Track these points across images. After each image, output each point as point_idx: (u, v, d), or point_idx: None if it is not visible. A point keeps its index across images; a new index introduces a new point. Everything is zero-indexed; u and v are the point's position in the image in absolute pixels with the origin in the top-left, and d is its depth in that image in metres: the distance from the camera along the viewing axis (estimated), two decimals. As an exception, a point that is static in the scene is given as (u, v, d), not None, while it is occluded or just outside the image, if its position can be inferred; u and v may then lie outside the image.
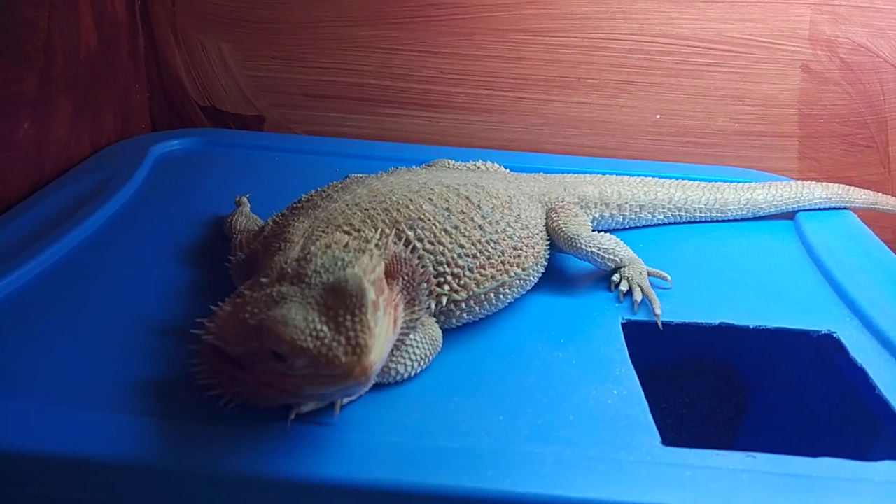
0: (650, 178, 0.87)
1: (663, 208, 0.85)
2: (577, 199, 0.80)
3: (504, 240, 0.66)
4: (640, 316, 0.68)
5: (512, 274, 0.66)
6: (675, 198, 0.85)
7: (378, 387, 0.55)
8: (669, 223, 0.87)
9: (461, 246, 0.63)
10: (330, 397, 0.51)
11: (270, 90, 1.05)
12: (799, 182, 0.90)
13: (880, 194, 0.90)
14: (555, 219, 0.74)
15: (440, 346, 0.59)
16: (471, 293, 0.62)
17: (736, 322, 0.68)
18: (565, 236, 0.72)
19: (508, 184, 0.74)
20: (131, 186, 0.85)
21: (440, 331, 0.60)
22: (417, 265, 0.57)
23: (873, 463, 0.51)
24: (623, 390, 0.58)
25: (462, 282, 0.62)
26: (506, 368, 0.60)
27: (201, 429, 0.50)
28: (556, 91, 1.03)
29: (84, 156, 0.91)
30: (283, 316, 0.47)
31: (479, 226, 0.65)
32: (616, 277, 0.71)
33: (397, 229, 0.61)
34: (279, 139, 1.03)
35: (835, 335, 0.67)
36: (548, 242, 0.73)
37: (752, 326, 0.68)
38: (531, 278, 0.69)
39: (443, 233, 0.63)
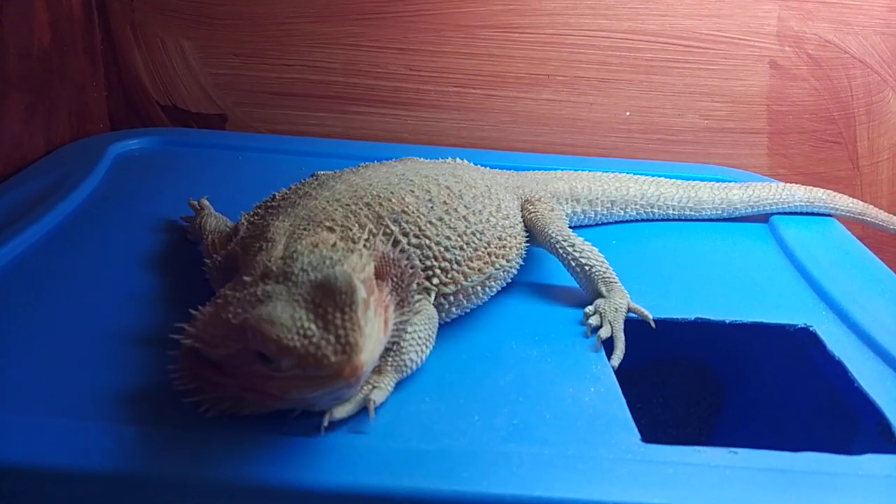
0: (622, 174, 0.86)
1: (635, 204, 0.84)
2: (549, 195, 0.78)
3: (488, 230, 0.65)
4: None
5: (497, 266, 0.64)
6: (648, 194, 0.85)
7: (400, 384, 0.53)
8: (642, 220, 0.86)
9: (447, 238, 0.61)
10: (317, 403, 0.48)
11: (233, 88, 1.02)
12: (779, 184, 0.89)
13: (870, 206, 0.88)
14: (531, 210, 0.73)
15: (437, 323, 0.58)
16: (459, 286, 0.61)
17: (712, 317, 0.67)
18: (539, 227, 0.71)
19: (484, 175, 0.73)
20: (87, 186, 0.82)
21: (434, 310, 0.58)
22: (406, 265, 0.55)
23: (856, 457, 0.51)
24: (600, 388, 0.57)
25: (450, 275, 0.60)
26: (480, 367, 0.58)
27: (174, 435, 0.48)
28: (525, 88, 1.01)
29: (38, 156, 0.88)
30: (268, 314, 0.44)
31: (464, 217, 0.63)
32: (590, 309, 0.65)
33: (381, 224, 0.59)
34: (243, 138, 1.01)
35: (811, 329, 0.67)
36: (526, 234, 0.71)
37: (728, 321, 0.68)
38: (514, 269, 0.68)
39: (428, 225, 0.61)
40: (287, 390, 0.46)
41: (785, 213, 0.88)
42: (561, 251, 0.69)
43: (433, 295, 0.59)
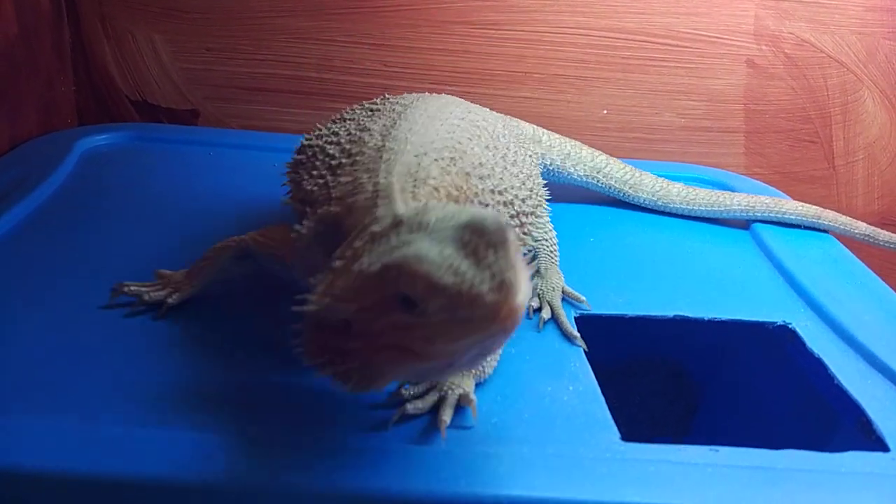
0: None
1: (584, 165, 0.86)
2: (518, 133, 0.79)
3: (531, 169, 0.65)
4: (596, 310, 0.66)
5: (545, 207, 0.65)
6: (597, 160, 0.87)
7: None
8: (589, 187, 0.88)
9: (518, 187, 0.60)
10: (462, 356, 0.43)
11: (205, 83, 1.00)
12: (761, 197, 0.87)
13: (825, 210, 0.85)
14: None
15: None
16: (534, 237, 0.62)
17: (691, 314, 0.67)
18: None
19: (477, 110, 0.71)
20: (54, 182, 0.79)
21: None
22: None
23: (839, 454, 0.51)
24: (579, 386, 0.56)
25: (526, 228, 0.60)
26: (455, 366, 0.57)
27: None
28: (502, 86, 1.01)
29: (2, 150, 0.85)
30: (415, 252, 0.40)
31: (513, 161, 0.63)
32: None
33: (471, 183, 0.56)
34: (215, 134, 0.98)
35: (790, 326, 0.67)
36: None
37: (707, 319, 0.67)
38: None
39: (503, 175, 0.59)
40: (432, 339, 0.41)
41: (726, 219, 0.87)
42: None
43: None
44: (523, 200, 0.60)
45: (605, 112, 1.02)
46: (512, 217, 0.58)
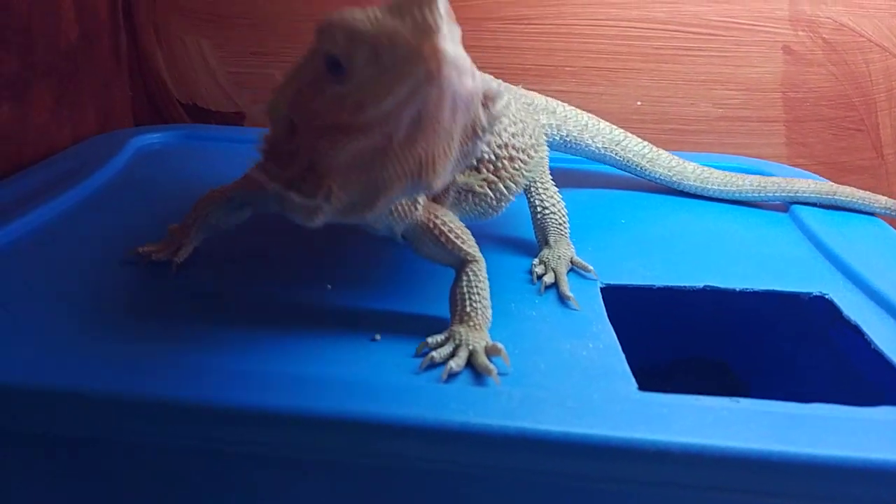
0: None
1: (603, 137, 0.85)
2: (528, 101, 0.79)
3: (526, 123, 0.66)
4: (622, 280, 0.65)
5: (541, 156, 0.67)
6: (615, 133, 0.86)
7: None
8: (608, 161, 0.87)
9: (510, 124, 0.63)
10: (398, 123, 0.42)
11: (250, 86, 1.04)
12: (773, 178, 0.86)
13: (843, 186, 0.83)
14: None
15: None
16: (520, 182, 0.63)
17: (721, 285, 0.66)
18: None
19: None
20: (106, 172, 0.83)
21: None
22: None
23: (869, 408, 0.49)
24: (599, 344, 0.56)
25: (516, 165, 0.62)
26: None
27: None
28: (533, 80, 1.01)
29: (65, 146, 0.90)
30: (338, 13, 0.43)
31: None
32: (536, 261, 0.66)
33: None
34: (263, 133, 1.02)
35: (827, 297, 0.65)
36: None
37: (738, 289, 0.66)
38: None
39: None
40: (363, 103, 0.42)
41: (732, 202, 0.86)
42: (533, 190, 0.70)
43: (502, 190, 0.61)
44: (512, 136, 0.62)
45: (638, 103, 1.02)
46: (500, 147, 0.61)
